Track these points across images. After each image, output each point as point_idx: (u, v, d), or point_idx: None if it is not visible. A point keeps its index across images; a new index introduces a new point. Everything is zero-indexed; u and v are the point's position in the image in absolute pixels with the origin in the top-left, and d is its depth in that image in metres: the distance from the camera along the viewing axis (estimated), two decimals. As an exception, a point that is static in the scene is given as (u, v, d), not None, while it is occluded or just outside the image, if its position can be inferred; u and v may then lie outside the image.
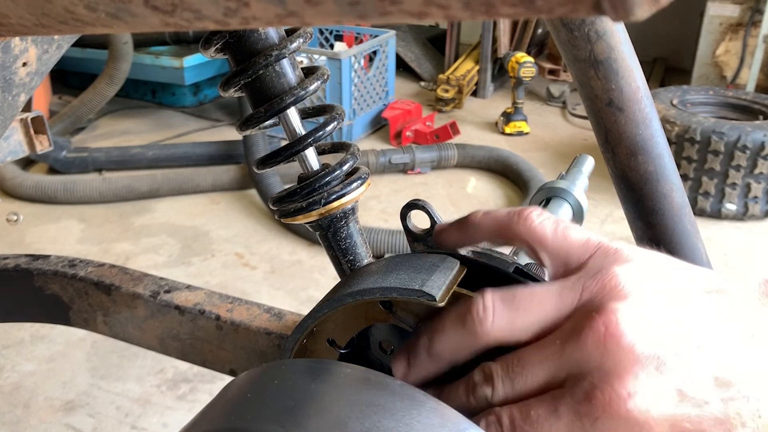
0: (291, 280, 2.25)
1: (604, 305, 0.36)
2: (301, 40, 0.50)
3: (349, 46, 3.73)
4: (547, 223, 0.42)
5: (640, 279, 0.38)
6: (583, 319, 0.36)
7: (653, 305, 0.37)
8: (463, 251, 0.48)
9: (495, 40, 4.06)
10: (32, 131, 0.89)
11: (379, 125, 3.57)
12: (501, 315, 0.38)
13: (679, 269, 0.40)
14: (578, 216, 0.66)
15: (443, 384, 0.42)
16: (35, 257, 0.84)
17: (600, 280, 0.38)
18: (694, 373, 0.34)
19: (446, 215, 2.76)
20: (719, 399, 0.34)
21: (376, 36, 3.58)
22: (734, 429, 0.34)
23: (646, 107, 0.71)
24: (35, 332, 1.95)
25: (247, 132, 0.52)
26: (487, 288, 0.40)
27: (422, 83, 4.40)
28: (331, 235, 0.53)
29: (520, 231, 0.42)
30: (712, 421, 0.34)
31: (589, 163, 0.72)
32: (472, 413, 0.39)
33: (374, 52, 3.51)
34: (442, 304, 0.40)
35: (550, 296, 0.39)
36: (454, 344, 0.40)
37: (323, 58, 3.26)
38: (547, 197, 0.67)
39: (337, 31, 3.91)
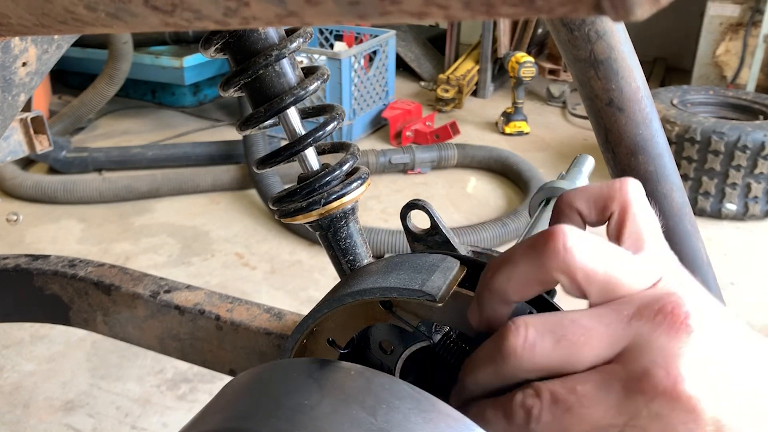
0: (291, 280, 2.25)
1: (675, 308, 0.34)
2: (301, 40, 0.50)
3: (349, 46, 3.73)
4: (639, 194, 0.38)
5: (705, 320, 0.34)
6: (652, 300, 0.34)
7: (722, 340, 0.34)
8: (462, 251, 0.48)
9: (495, 40, 4.06)
10: (32, 131, 0.89)
11: (379, 125, 3.57)
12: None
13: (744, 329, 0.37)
14: (578, 216, 0.66)
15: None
16: (35, 257, 0.84)
17: (661, 310, 0.34)
18: (733, 405, 0.33)
19: (446, 215, 2.76)
20: None
21: (376, 36, 3.58)
22: None
23: (646, 107, 0.71)
24: (35, 332, 1.95)
25: (247, 132, 0.52)
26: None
27: (422, 83, 4.40)
28: (331, 235, 0.53)
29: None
30: None
31: (589, 163, 0.72)
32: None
33: (374, 52, 3.51)
34: (442, 304, 0.40)
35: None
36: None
37: (323, 58, 3.26)
38: (547, 197, 0.67)
39: (337, 31, 3.91)
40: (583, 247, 0.34)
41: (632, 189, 0.40)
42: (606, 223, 0.40)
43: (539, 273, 0.35)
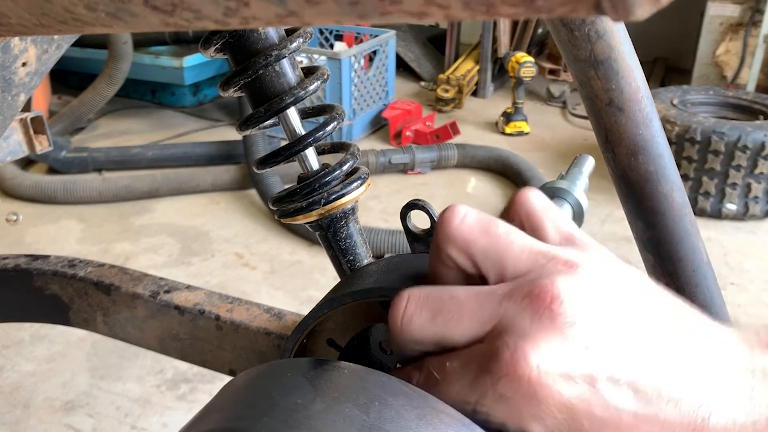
0: (291, 280, 2.25)
1: (547, 277, 0.34)
2: (301, 40, 0.50)
3: (349, 46, 3.73)
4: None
5: (582, 295, 0.34)
6: (528, 281, 0.34)
7: (594, 292, 0.34)
8: None
9: (495, 40, 4.06)
10: (32, 131, 0.89)
11: (379, 125, 3.57)
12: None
13: (622, 268, 0.37)
14: (578, 216, 0.66)
15: None
16: (35, 257, 0.84)
17: (530, 294, 0.34)
18: (611, 364, 0.32)
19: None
20: (632, 414, 0.32)
21: (376, 36, 3.58)
22: None
23: (646, 107, 0.71)
24: (35, 332, 1.95)
25: (247, 132, 0.52)
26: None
27: (422, 83, 4.40)
28: (331, 235, 0.53)
29: (518, 208, 0.40)
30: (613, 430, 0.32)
31: (589, 163, 0.72)
32: None
33: (374, 52, 3.51)
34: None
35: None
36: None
37: (323, 57, 3.26)
38: (548, 197, 0.67)
39: (337, 30, 3.91)
40: (470, 218, 0.36)
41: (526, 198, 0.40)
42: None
43: (438, 254, 0.37)
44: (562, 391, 0.32)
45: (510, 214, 0.40)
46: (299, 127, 0.51)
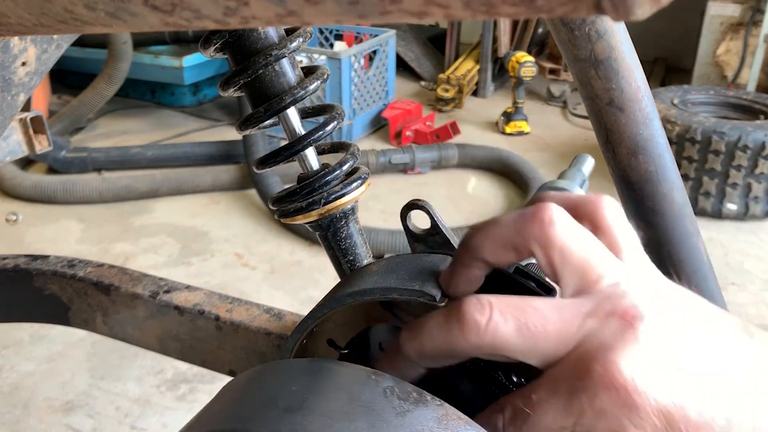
0: (291, 280, 2.25)
1: (621, 298, 0.34)
2: (301, 40, 0.49)
3: (349, 45, 3.73)
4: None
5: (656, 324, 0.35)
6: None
7: (670, 314, 0.35)
8: None
9: (495, 40, 4.06)
10: (31, 131, 0.89)
11: (379, 125, 3.57)
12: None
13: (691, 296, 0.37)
14: (578, 216, 0.66)
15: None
16: (34, 257, 0.84)
17: (613, 312, 0.34)
18: (694, 372, 0.33)
19: (446, 215, 2.75)
20: (725, 418, 0.32)
21: (376, 35, 3.58)
22: None
23: (646, 107, 0.71)
24: (34, 332, 1.95)
25: (247, 132, 0.52)
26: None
27: (422, 83, 4.40)
28: (330, 236, 0.53)
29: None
30: None
31: (589, 163, 0.72)
32: None
33: (374, 52, 3.51)
34: (443, 304, 0.40)
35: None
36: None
37: (323, 57, 3.26)
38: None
39: (337, 30, 3.91)
40: (566, 225, 0.35)
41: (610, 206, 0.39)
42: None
43: (517, 238, 0.36)
44: (658, 398, 0.32)
45: (580, 214, 0.39)
46: (299, 127, 0.51)
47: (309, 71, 0.52)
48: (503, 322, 0.35)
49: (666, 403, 0.32)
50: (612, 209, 0.39)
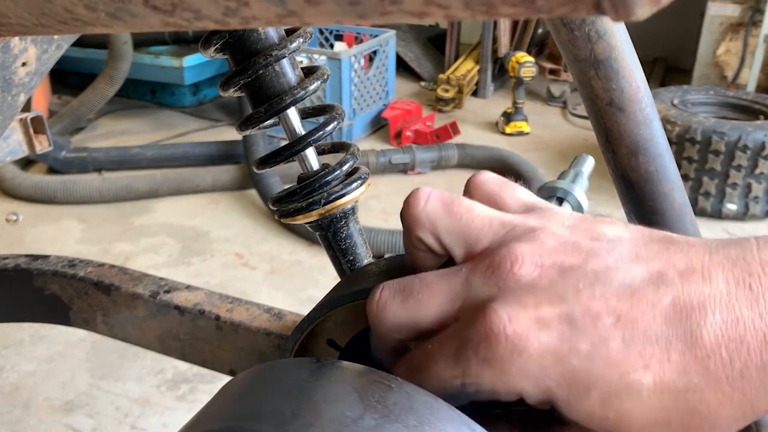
0: (291, 280, 2.25)
1: (514, 242, 0.35)
2: (301, 40, 0.49)
3: (349, 45, 3.73)
4: (494, 180, 0.40)
5: (569, 227, 0.36)
6: (490, 252, 0.35)
7: (569, 245, 0.35)
8: None
9: (495, 40, 4.06)
10: (32, 131, 0.89)
11: (379, 125, 3.57)
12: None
13: (586, 217, 0.38)
14: (578, 216, 0.66)
15: None
16: (35, 257, 0.84)
17: (529, 226, 0.36)
18: (591, 309, 0.32)
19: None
20: (620, 338, 0.31)
21: (376, 36, 3.58)
22: (633, 371, 0.31)
23: (646, 107, 0.71)
24: (35, 332, 1.95)
25: (247, 132, 0.52)
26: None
27: (422, 83, 4.40)
28: (331, 235, 0.53)
29: (470, 191, 0.40)
30: (605, 361, 0.31)
31: (589, 163, 0.71)
32: None
33: (374, 52, 3.51)
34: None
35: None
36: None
37: (323, 57, 3.26)
38: (547, 197, 0.67)
39: (337, 30, 3.91)
40: (432, 201, 0.37)
41: (478, 181, 0.41)
42: None
43: (408, 238, 0.39)
44: (540, 337, 0.32)
45: (469, 197, 0.41)
46: (299, 127, 0.51)
47: (309, 71, 0.52)
48: (391, 300, 0.37)
49: (550, 339, 0.32)
50: (481, 180, 0.41)
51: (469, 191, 0.41)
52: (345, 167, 0.52)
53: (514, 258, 0.34)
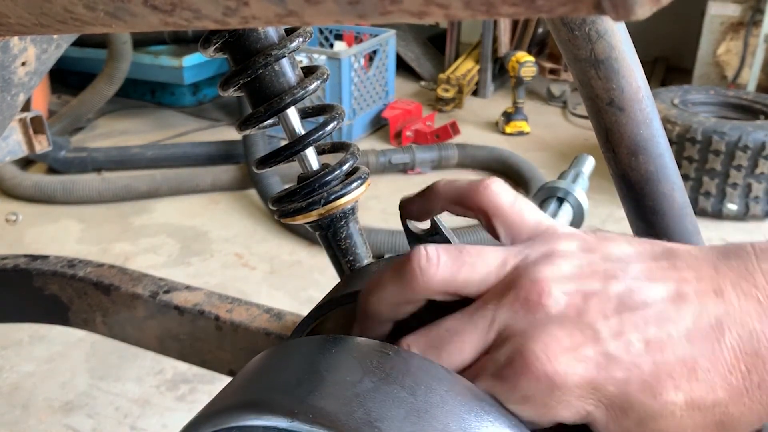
0: (291, 281, 2.25)
1: (532, 268, 0.36)
2: (301, 40, 0.49)
3: (349, 45, 3.73)
4: (506, 195, 0.41)
5: (580, 248, 0.37)
6: (512, 281, 0.36)
7: (580, 270, 0.36)
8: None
9: (495, 40, 4.06)
10: (31, 131, 0.89)
11: (379, 125, 3.57)
12: (444, 266, 0.37)
13: (609, 237, 0.39)
14: (579, 216, 0.66)
15: None
16: (34, 257, 0.84)
17: (541, 252, 0.37)
18: (622, 335, 0.33)
19: (446, 215, 2.75)
20: (651, 362, 0.32)
21: (376, 35, 3.58)
22: (665, 392, 0.32)
23: (647, 107, 0.71)
24: (34, 333, 1.95)
25: (247, 132, 0.52)
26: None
27: (422, 83, 4.40)
28: (330, 236, 0.53)
29: (479, 200, 0.41)
30: (639, 385, 0.32)
31: (589, 163, 0.71)
32: None
33: (374, 52, 3.51)
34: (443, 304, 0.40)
35: (495, 257, 0.37)
36: (395, 300, 0.39)
37: (323, 57, 3.26)
38: (548, 197, 0.67)
39: (337, 30, 3.91)
40: (434, 265, 0.37)
41: (491, 192, 0.41)
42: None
43: (406, 295, 0.38)
44: (578, 370, 0.33)
45: (470, 204, 0.42)
46: (299, 126, 0.51)
47: (309, 71, 0.52)
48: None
49: (587, 370, 0.33)
50: (491, 194, 0.41)
51: (474, 197, 0.41)
52: (345, 167, 0.52)
53: (540, 290, 0.35)
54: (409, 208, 0.46)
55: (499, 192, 0.41)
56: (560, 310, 0.34)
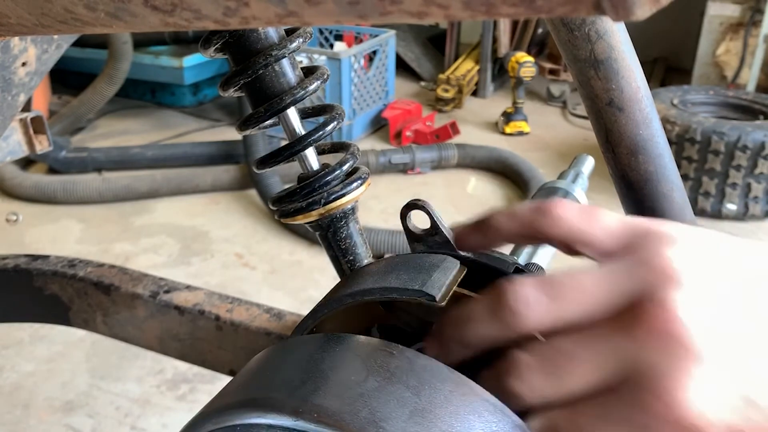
0: (291, 280, 2.25)
1: (660, 295, 0.32)
2: (301, 40, 0.50)
3: (349, 45, 3.73)
4: (576, 215, 0.37)
5: (696, 264, 0.33)
6: (636, 310, 0.32)
7: (714, 296, 0.33)
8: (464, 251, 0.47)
9: (495, 40, 4.06)
10: (32, 131, 0.89)
11: (379, 125, 3.57)
12: (539, 305, 0.34)
13: (736, 247, 0.35)
14: (578, 216, 0.66)
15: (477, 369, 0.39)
16: (35, 257, 0.84)
17: (650, 266, 0.33)
18: (761, 377, 0.31)
19: (446, 215, 2.74)
20: None
21: (376, 36, 3.58)
22: None
23: (646, 107, 0.71)
24: (35, 332, 1.95)
25: (247, 132, 0.52)
26: (517, 277, 0.37)
27: (422, 83, 4.40)
28: (331, 235, 0.53)
29: (552, 232, 0.38)
30: None
31: (589, 163, 0.72)
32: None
33: (374, 52, 3.51)
34: (443, 304, 0.40)
35: (596, 283, 0.34)
36: (486, 334, 0.36)
37: (323, 57, 3.26)
38: (547, 197, 0.67)
39: (337, 30, 3.91)
40: (530, 303, 0.34)
41: (562, 220, 0.38)
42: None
43: (500, 333, 0.36)
44: (720, 416, 0.31)
45: (543, 238, 0.39)
46: (299, 127, 0.51)
47: (309, 71, 0.52)
48: (532, 375, 0.34)
49: (735, 422, 0.31)
50: (559, 214, 0.38)
51: (544, 225, 0.39)
52: (345, 167, 0.52)
53: (673, 319, 0.31)
54: (464, 240, 0.44)
55: (570, 216, 0.38)
56: (698, 350, 0.31)
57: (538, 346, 0.35)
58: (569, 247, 0.38)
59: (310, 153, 0.52)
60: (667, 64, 4.58)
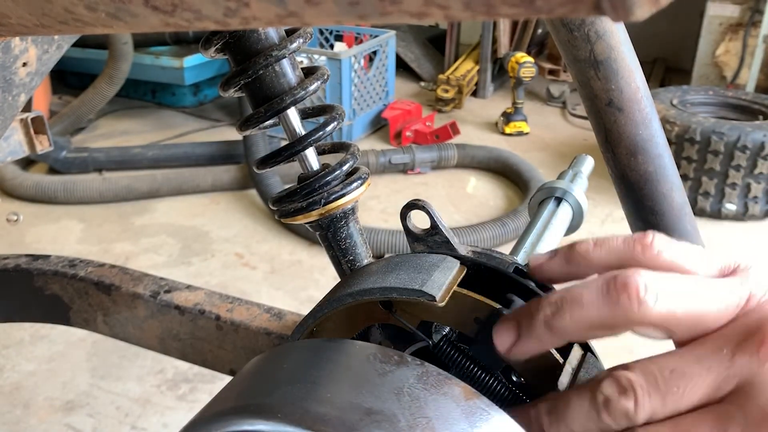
0: (291, 280, 2.25)
1: None
2: (301, 41, 0.50)
3: (349, 46, 3.73)
4: (673, 254, 0.37)
5: None
6: (753, 325, 0.33)
7: None
8: (462, 251, 0.48)
9: (495, 40, 4.06)
10: (32, 131, 0.89)
11: (379, 125, 3.57)
12: (665, 298, 0.33)
13: None
14: (578, 216, 0.66)
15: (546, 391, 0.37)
16: (35, 257, 0.84)
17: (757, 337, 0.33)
18: None
19: (446, 215, 2.76)
20: None
21: (376, 36, 3.58)
22: None
23: (646, 107, 0.71)
24: (35, 332, 1.95)
25: (247, 132, 0.52)
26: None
27: (422, 83, 4.40)
28: (331, 235, 0.53)
29: (646, 262, 0.37)
30: None
31: (588, 163, 0.72)
32: None
33: (374, 52, 3.51)
34: (443, 303, 0.40)
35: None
36: (594, 320, 0.35)
37: (323, 58, 3.26)
38: (547, 197, 0.67)
39: (337, 31, 3.91)
40: (658, 295, 0.34)
41: (662, 256, 0.38)
42: None
43: (612, 322, 0.35)
44: None
45: (641, 265, 0.37)
46: (299, 127, 0.51)
47: (309, 72, 0.52)
48: (648, 400, 0.33)
49: None
50: (659, 247, 0.38)
51: (639, 256, 0.38)
52: (345, 167, 0.52)
53: None
54: (545, 271, 0.41)
55: (671, 256, 0.37)
56: None
57: (641, 364, 0.34)
58: None
59: (311, 153, 0.52)
60: (667, 64, 4.58)
